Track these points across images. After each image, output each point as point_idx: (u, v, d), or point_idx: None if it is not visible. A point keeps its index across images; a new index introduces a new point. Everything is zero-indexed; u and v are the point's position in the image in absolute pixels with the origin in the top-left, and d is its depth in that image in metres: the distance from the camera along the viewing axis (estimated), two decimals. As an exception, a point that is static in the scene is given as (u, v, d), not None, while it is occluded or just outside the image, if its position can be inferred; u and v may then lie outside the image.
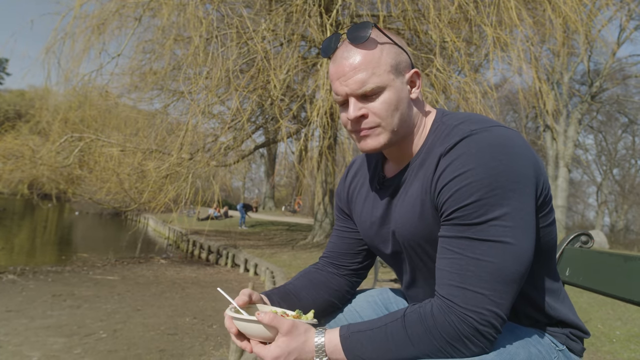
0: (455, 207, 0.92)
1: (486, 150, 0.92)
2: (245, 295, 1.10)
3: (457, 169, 0.93)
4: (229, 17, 9.60)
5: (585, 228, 33.44)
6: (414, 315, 0.93)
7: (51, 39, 11.50)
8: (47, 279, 8.13)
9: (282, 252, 11.23)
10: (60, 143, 11.25)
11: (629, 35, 22.54)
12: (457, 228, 0.93)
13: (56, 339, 4.56)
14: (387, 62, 1.02)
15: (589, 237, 1.44)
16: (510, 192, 0.90)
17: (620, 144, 32.67)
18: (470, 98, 9.21)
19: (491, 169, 0.90)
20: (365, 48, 1.02)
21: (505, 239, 0.90)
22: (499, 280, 0.89)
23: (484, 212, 0.90)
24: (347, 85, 1.02)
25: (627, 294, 1.13)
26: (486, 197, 0.90)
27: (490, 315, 0.88)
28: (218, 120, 11.95)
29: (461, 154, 0.93)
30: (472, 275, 0.89)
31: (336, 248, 1.31)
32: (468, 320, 0.88)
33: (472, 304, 0.88)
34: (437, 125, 1.06)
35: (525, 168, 0.93)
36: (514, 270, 0.90)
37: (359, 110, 1.02)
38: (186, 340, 4.75)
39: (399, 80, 1.04)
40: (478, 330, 0.88)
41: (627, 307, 5.23)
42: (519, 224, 0.91)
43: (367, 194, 1.22)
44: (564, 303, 1.11)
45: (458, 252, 0.92)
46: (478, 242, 0.90)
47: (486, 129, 0.95)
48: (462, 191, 0.91)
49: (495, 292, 0.89)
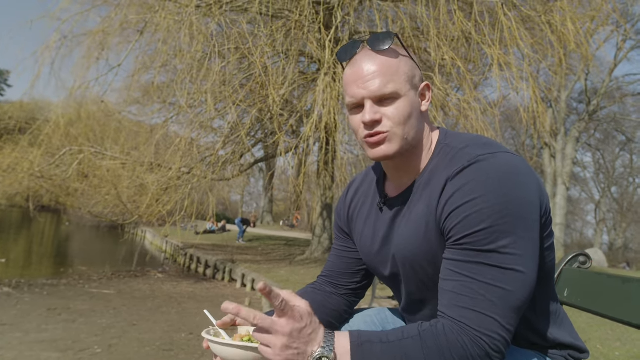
0: (466, 233, 0.93)
1: (495, 177, 0.93)
2: (228, 317, 1.09)
3: (467, 195, 0.94)
4: (228, 29, 9.70)
5: (583, 246, 33.38)
6: (429, 334, 0.92)
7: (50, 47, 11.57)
8: (43, 292, 8.06)
9: (279, 268, 11.17)
10: (59, 156, 11.26)
11: (625, 54, 22.78)
12: (466, 253, 0.93)
13: (50, 353, 4.51)
14: (405, 73, 1.05)
15: (587, 257, 1.44)
16: (519, 220, 0.92)
17: (618, 162, 32.87)
18: (470, 115, 9.27)
19: (501, 197, 0.92)
20: (385, 55, 1.04)
21: (515, 267, 0.91)
22: (509, 307, 0.90)
23: (494, 239, 0.91)
24: (365, 87, 1.03)
25: (625, 315, 1.12)
26: (496, 225, 0.91)
27: (500, 340, 0.89)
28: (218, 134, 12.00)
29: (470, 180, 0.95)
30: (484, 300, 0.90)
31: (335, 267, 1.30)
32: (480, 343, 0.88)
33: (485, 328, 0.89)
34: (442, 147, 1.07)
35: (532, 196, 0.95)
36: (521, 297, 0.91)
37: (374, 114, 1.02)
38: (182, 357, 4.70)
39: (413, 92, 1.06)
40: (488, 353, 0.88)
41: (626, 328, 5.18)
42: (527, 252, 0.92)
43: (368, 214, 1.21)
44: (563, 324, 1.11)
45: (469, 275, 0.92)
46: (489, 267, 0.91)
47: (493, 155, 0.97)
48: (472, 217, 0.92)
49: (505, 318, 0.90)
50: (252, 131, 12.65)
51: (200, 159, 10.97)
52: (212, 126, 11.65)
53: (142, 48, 11.58)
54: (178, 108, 11.39)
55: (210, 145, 11.80)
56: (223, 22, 9.89)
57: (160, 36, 10.52)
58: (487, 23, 8.92)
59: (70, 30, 11.67)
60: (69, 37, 11.67)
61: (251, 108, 10.22)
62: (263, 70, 9.28)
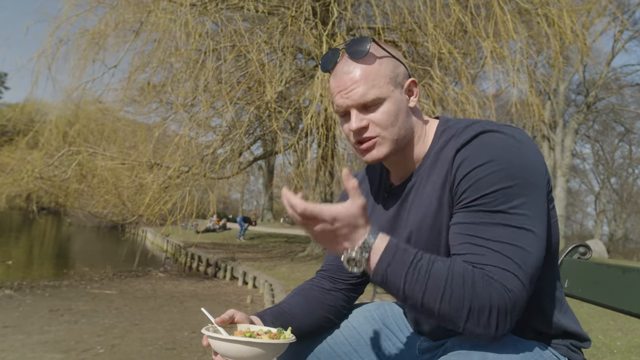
0: (477, 196, 0.94)
1: (502, 144, 0.96)
2: (227, 314, 1.09)
3: (477, 161, 0.95)
4: (224, 27, 9.68)
5: (584, 237, 33.44)
6: (460, 266, 0.90)
7: (47, 49, 11.55)
8: (45, 293, 8.07)
9: (280, 265, 11.18)
10: (58, 157, 11.25)
11: (622, 45, 22.73)
12: (478, 214, 0.94)
13: (53, 354, 4.52)
14: (386, 75, 1.05)
15: (587, 248, 1.44)
16: (528, 183, 0.94)
17: (617, 153, 32.84)
18: (468, 109, 9.27)
19: (508, 161, 0.94)
20: (364, 62, 1.05)
21: (525, 226, 0.92)
22: (524, 263, 0.89)
23: (504, 200, 0.92)
24: (349, 97, 1.04)
25: (626, 305, 1.12)
26: (507, 187, 0.92)
27: (519, 297, 0.88)
28: (216, 133, 11.99)
29: (479, 147, 0.97)
30: (499, 256, 0.89)
31: (334, 261, 1.30)
32: (501, 295, 0.87)
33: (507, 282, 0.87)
34: (443, 129, 1.09)
35: (539, 163, 0.98)
36: (537, 257, 0.92)
37: (360, 122, 1.04)
38: (184, 355, 4.71)
39: (397, 91, 1.06)
40: (507, 308, 0.87)
41: (627, 317, 5.20)
42: (537, 214, 0.94)
43: (372, 207, 1.21)
44: (567, 312, 1.11)
45: (481, 236, 0.92)
46: (501, 227, 0.91)
47: (499, 127, 0.99)
48: (484, 180, 0.94)
49: (523, 273, 0.89)
50: (250, 129, 12.64)
51: (200, 157, 10.96)
52: (210, 124, 11.63)
53: (138, 48, 11.57)
54: (175, 107, 11.38)
55: (209, 143, 11.79)
56: (219, 20, 9.87)
57: (156, 36, 10.50)
58: (483, 16, 8.89)
59: (66, 32, 11.65)
60: (64, 40, 11.65)
61: (249, 105, 10.20)
62: (260, 67, 9.26)
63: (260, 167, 30.62)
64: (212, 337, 0.97)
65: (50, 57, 11.48)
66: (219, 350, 0.98)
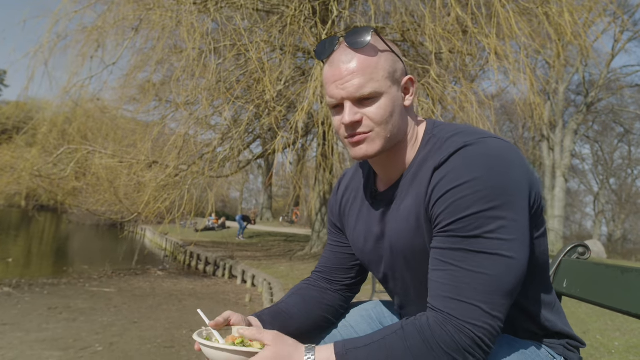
0: (451, 220, 0.91)
1: (480, 162, 0.91)
2: (222, 317, 1.08)
3: (452, 182, 0.92)
4: (224, 26, 9.66)
5: (582, 237, 33.44)
6: (411, 327, 0.91)
7: (44, 44, 11.51)
8: (43, 291, 8.07)
9: (280, 263, 11.18)
10: (57, 155, 11.23)
11: (622, 46, 22.73)
12: (452, 240, 0.91)
13: (52, 352, 4.52)
14: (385, 69, 1.01)
15: (586, 248, 1.44)
16: (506, 204, 0.90)
17: (616, 153, 32.85)
18: (467, 108, 9.25)
19: (486, 182, 0.89)
20: (364, 53, 1.00)
21: (501, 252, 0.89)
22: (495, 293, 0.88)
23: (480, 224, 0.89)
24: (344, 88, 0.99)
25: (624, 305, 1.12)
26: (482, 210, 0.89)
27: (487, 328, 0.87)
28: (216, 131, 11.98)
29: (455, 167, 0.92)
30: (468, 288, 0.88)
31: (329, 263, 1.29)
32: (465, 332, 0.87)
33: (468, 316, 0.87)
34: (429, 137, 1.05)
35: (520, 180, 0.93)
36: (509, 283, 0.89)
37: (354, 115, 1.00)
38: (183, 354, 4.71)
39: (394, 87, 1.02)
40: (475, 342, 0.87)
41: (625, 318, 5.22)
42: (515, 236, 0.90)
43: (360, 209, 1.19)
44: (559, 315, 1.10)
45: (453, 264, 0.91)
46: (474, 254, 0.89)
47: (479, 140, 0.94)
48: (458, 203, 0.90)
49: (491, 304, 0.88)
50: (250, 127, 12.63)
51: (199, 156, 10.95)
52: (209, 123, 11.62)
53: (137, 46, 11.55)
54: (175, 105, 11.37)
55: (208, 142, 11.79)
56: (219, 19, 9.85)
57: (155, 34, 10.48)
58: (484, 14, 8.88)
59: (64, 28, 11.63)
60: (62, 36, 11.62)
61: (249, 104, 10.19)
62: (260, 66, 9.25)
63: (259, 166, 30.60)
64: (204, 345, 0.98)
65: (47, 53, 11.45)
66: (210, 358, 0.98)
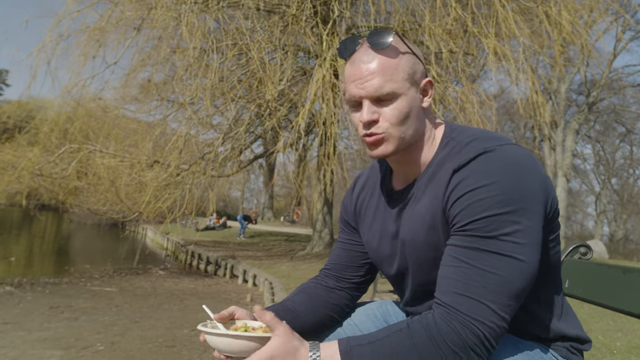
0: (469, 220, 0.93)
1: (500, 168, 0.94)
2: (227, 311, 1.09)
3: (472, 184, 0.94)
4: (225, 25, 9.66)
5: (584, 238, 33.41)
6: (417, 324, 0.92)
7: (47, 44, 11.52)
8: (45, 290, 8.08)
9: (281, 263, 11.19)
10: (59, 154, 11.24)
11: (624, 45, 22.66)
12: (468, 239, 0.93)
13: (53, 351, 4.52)
14: (405, 70, 1.03)
15: (588, 248, 1.44)
16: (522, 210, 0.92)
17: (618, 153, 32.78)
18: (468, 108, 9.25)
19: (505, 187, 0.92)
20: (385, 54, 1.02)
21: (514, 255, 0.91)
22: (504, 294, 0.90)
23: (497, 226, 0.91)
24: (364, 88, 1.02)
25: (626, 306, 1.12)
26: (500, 213, 0.91)
27: (493, 327, 0.88)
28: (217, 131, 11.98)
29: (475, 171, 0.95)
30: (478, 286, 0.90)
31: (340, 260, 1.30)
32: (472, 328, 0.88)
33: (475, 313, 0.88)
34: (447, 140, 1.07)
35: (536, 187, 0.95)
36: (519, 286, 0.91)
37: (372, 114, 1.02)
38: (184, 353, 4.71)
39: (413, 89, 1.04)
40: (480, 339, 0.88)
41: (627, 318, 5.20)
42: (529, 241, 0.92)
43: (376, 208, 1.21)
44: (567, 317, 1.11)
45: (465, 261, 0.92)
46: (488, 254, 0.91)
47: (499, 147, 0.97)
48: (476, 205, 0.93)
49: (499, 304, 0.89)
50: (251, 127, 12.64)
51: (200, 155, 10.96)
52: (211, 123, 11.62)
53: (139, 45, 11.55)
54: (177, 105, 11.38)
55: (209, 141, 11.80)
56: (220, 18, 9.85)
57: (157, 33, 10.49)
58: (484, 14, 8.87)
59: (67, 28, 11.64)
60: (64, 35, 11.63)
61: (250, 104, 10.19)
62: (261, 66, 9.25)
63: (260, 166, 30.56)
64: (209, 333, 0.98)
65: (50, 53, 11.46)
66: (215, 346, 0.99)
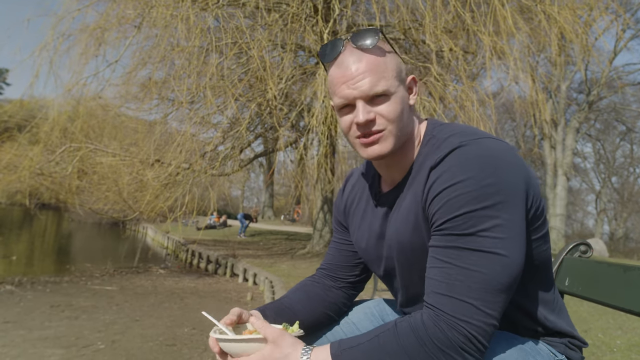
0: (446, 218, 0.92)
1: (475, 161, 0.92)
2: (234, 314, 1.09)
3: (447, 181, 0.93)
4: (225, 23, 9.65)
5: (584, 236, 33.40)
6: (405, 324, 0.92)
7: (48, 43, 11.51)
8: (45, 289, 8.08)
9: (281, 262, 11.19)
10: (59, 153, 11.24)
11: (625, 44, 22.65)
12: (447, 238, 0.93)
13: (54, 350, 4.53)
14: (393, 69, 1.03)
15: (588, 246, 1.44)
16: (500, 203, 0.90)
17: (618, 152, 32.77)
18: (468, 106, 9.24)
19: (481, 181, 0.90)
20: (372, 53, 1.02)
21: (495, 250, 0.89)
22: (488, 291, 0.89)
23: (474, 223, 0.90)
24: (356, 88, 1.01)
25: (626, 304, 1.12)
26: (477, 209, 0.90)
27: (480, 325, 0.88)
28: (217, 129, 11.98)
29: (451, 166, 0.94)
30: (461, 285, 0.89)
31: (334, 260, 1.31)
32: (458, 329, 0.87)
33: (460, 313, 0.88)
34: (429, 138, 1.06)
35: (515, 180, 0.93)
36: (502, 281, 0.90)
37: (368, 114, 1.01)
38: (185, 352, 4.72)
39: (401, 86, 1.05)
40: (468, 339, 0.87)
41: (627, 316, 5.21)
42: (509, 235, 0.91)
43: (365, 209, 1.21)
44: (561, 314, 1.11)
45: (447, 261, 0.92)
46: (468, 252, 0.90)
47: (475, 140, 0.96)
48: (452, 202, 0.92)
49: (484, 302, 0.88)
50: (251, 126, 12.64)
51: (200, 154, 10.96)
52: (211, 121, 11.62)
53: (139, 43, 11.55)
54: (177, 104, 11.37)
55: (210, 140, 11.79)
56: (220, 16, 9.84)
57: (157, 31, 10.48)
58: (484, 12, 8.86)
59: (67, 27, 11.64)
60: (65, 34, 11.63)
61: (250, 102, 10.19)
62: (261, 64, 9.24)
63: (261, 164, 30.57)
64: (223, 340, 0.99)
65: (52, 52, 11.46)
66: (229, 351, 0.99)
